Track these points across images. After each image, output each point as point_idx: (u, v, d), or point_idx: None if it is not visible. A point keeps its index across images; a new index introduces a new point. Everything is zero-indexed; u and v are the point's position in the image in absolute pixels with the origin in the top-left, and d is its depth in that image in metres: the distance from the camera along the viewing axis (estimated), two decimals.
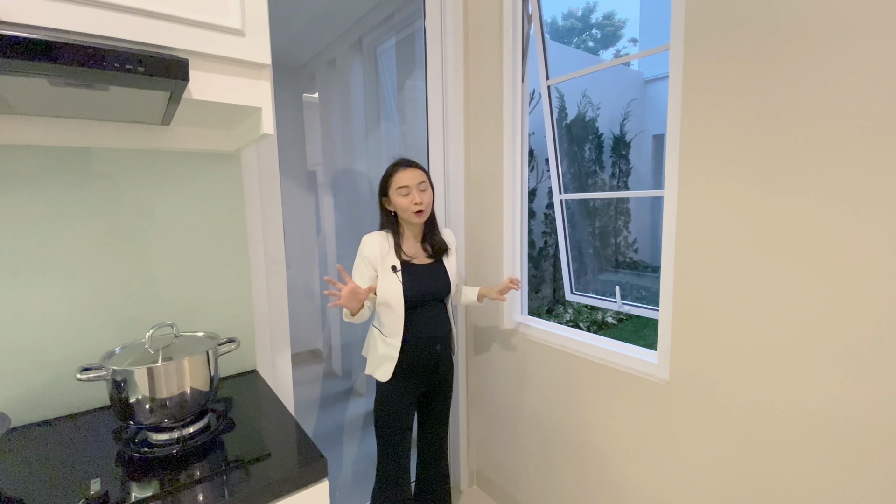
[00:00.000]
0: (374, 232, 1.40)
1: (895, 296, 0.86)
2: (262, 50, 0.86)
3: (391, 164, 1.40)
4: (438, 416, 1.54)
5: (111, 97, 0.79)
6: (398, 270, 1.34)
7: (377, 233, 1.39)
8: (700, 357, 1.17)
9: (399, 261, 1.35)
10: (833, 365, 0.94)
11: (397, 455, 1.42)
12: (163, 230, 1.12)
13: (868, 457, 0.92)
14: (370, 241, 1.36)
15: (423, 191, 1.35)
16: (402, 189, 1.33)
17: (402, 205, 1.34)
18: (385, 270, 1.34)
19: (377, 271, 1.34)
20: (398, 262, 1.35)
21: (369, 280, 1.34)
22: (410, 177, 1.34)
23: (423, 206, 1.34)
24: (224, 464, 0.81)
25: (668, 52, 1.17)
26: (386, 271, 1.34)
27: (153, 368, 0.84)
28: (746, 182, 1.04)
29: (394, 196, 1.36)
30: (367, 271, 1.34)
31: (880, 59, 0.84)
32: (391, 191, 1.36)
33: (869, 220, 0.88)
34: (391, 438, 1.41)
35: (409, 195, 1.34)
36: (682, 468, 1.24)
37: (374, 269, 1.34)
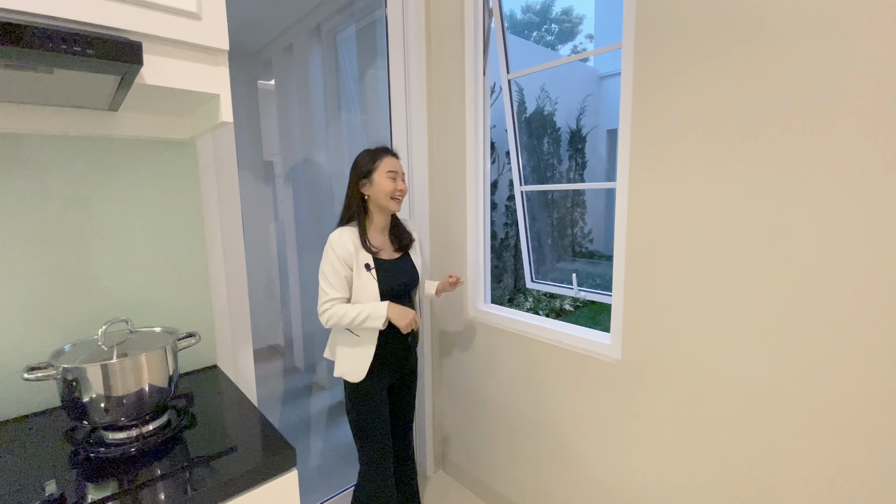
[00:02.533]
0: (341, 228, 1.34)
1: (818, 286, 0.96)
2: (219, 34, 0.84)
3: (375, 149, 1.37)
4: (407, 406, 1.55)
5: (54, 80, 0.74)
6: (371, 268, 1.32)
7: (344, 229, 1.33)
8: (649, 337, 1.25)
9: (371, 256, 1.32)
10: (763, 345, 1.05)
11: (382, 455, 1.39)
12: (112, 221, 1.06)
13: (791, 423, 1.03)
14: (341, 239, 1.30)
15: (403, 179, 1.36)
16: (391, 173, 1.32)
17: (387, 189, 1.31)
18: (359, 269, 1.31)
19: (352, 270, 1.31)
20: (370, 260, 1.32)
21: (347, 281, 1.31)
22: (398, 164, 1.35)
23: (402, 195, 1.34)
24: (187, 460, 0.80)
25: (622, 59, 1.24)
26: (360, 270, 1.31)
27: (108, 366, 0.81)
28: (692, 175, 1.12)
29: (379, 178, 1.31)
30: (343, 271, 1.30)
31: (821, 60, 0.93)
32: (377, 173, 1.32)
33: (801, 213, 0.97)
34: (374, 439, 1.38)
35: (395, 180, 1.33)
36: (634, 442, 1.33)
37: (349, 268, 1.31)
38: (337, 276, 1.29)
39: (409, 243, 1.44)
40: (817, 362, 0.98)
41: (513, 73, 1.71)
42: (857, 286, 0.91)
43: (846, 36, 0.88)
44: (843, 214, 0.91)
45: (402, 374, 1.48)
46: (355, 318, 1.27)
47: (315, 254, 2.83)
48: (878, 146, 0.86)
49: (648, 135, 1.19)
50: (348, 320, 1.27)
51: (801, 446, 1.02)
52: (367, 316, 1.27)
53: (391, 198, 1.32)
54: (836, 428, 0.97)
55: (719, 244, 1.09)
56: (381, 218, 1.39)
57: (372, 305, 1.28)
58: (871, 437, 0.93)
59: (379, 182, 1.32)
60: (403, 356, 1.42)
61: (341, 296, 1.31)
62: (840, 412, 0.96)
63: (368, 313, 1.27)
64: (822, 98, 0.91)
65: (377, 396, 1.38)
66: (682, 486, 1.24)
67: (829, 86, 0.91)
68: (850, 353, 0.93)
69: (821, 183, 0.93)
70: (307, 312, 3.02)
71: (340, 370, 1.38)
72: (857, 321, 0.92)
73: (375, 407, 1.37)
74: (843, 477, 0.97)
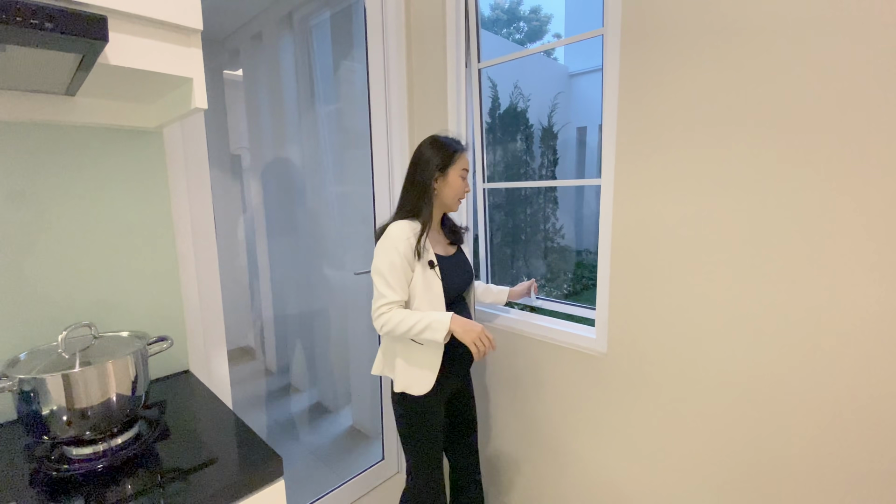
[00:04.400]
0: (401, 222, 1.18)
1: (798, 281, 0.99)
2: (191, 12, 0.77)
3: (447, 141, 1.24)
4: (473, 413, 1.44)
5: (3, 59, 0.66)
6: (436, 265, 1.19)
7: (405, 223, 1.17)
8: (634, 331, 1.26)
9: (433, 253, 1.20)
10: (745, 338, 1.07)
11: (437, 472, 1.30)
12: (70, 217, 0.97)
13: (769, 411, 1.06)
14: (404, 234, 1.15)
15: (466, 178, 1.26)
16: (464, 171, 1.23)
17: (458, 188, 1.22)
18: (423, 268, 1.17)
19: (413, 269, 1.17)
20: (433, 257, 1.19)
21: (407, 282, 1.16)
22: (467, 160, 1.24)
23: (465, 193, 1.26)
24: (162, 475, 0.74)
25: (591, 48, 1.23)
26: (424, 268, 1.17)
27: (69, 375, 0.73)
28: (678, 171, 1.13)
29: (454, 176, 1.21)
30: (405, 270, 1.14)
31: (807, 58, 0.95)
32: (452, 169, 1.20)
33: (784, 210, 1.00)
34: (430, 456, 1.27)
35: (465, 179, 1.24)
36: (620, 434, 1.35)
37: (411, 267, 1.16)
38: (397, 276, 1.14)
39: (461, 236, 1.34)
40: (797, 355, 1.01)
41: (483, 63, 1.66)
42: (835, 281, 0.94)
43: (844, 34, 0.90)
44: (825, 212, 0.94)
45: (464, 383, 1.39)
46: (413, 325, 1.11)
47: (287, 252, 2.73)
48: (858, 145, 0.89)
49: (635, 131, 1.19)
50: (405, 328, 1.12)
51: (783, 437, 1.05)
52: (427, 325, 1.11)
53: (458, 199, 1.25)
54: (816, 418, 1.00)
55: (704, 240, 1.11)
56: (439, 214, 1.29)
57: (434, 314, 1.12)
58: (849, 426, 0.96)
59: (453, 180, 1.21)
60: (467, 362, 1.30)
61: (400, 298, 1.15)
62: (820, 403, 0.99)
63: (428, 323, 1.11)
64: (808, 97, 0.94)
65: (438, 409, 1.26)
66: (668, 477, 1.26)
67: (813, 86, 0.93)
68: (828, 345, 0.97)
69: (804, 181, 0.96)
70: (279, 313, 2.92)
71: (403, 384, 1.22)
72: (836, 315, 0.95)
73: (437, 421, 1.26)
74: (825, 465, 1.01)
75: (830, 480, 1.00)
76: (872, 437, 0.94)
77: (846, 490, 0.98)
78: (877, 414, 0.93)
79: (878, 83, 0.86)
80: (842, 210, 0.92)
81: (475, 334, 1.11)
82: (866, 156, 0.88)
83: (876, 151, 0.87)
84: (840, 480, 0.99)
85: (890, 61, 0.84)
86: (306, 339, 2.75)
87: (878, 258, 0.89)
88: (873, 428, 0.93)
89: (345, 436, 2.30)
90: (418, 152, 1.24)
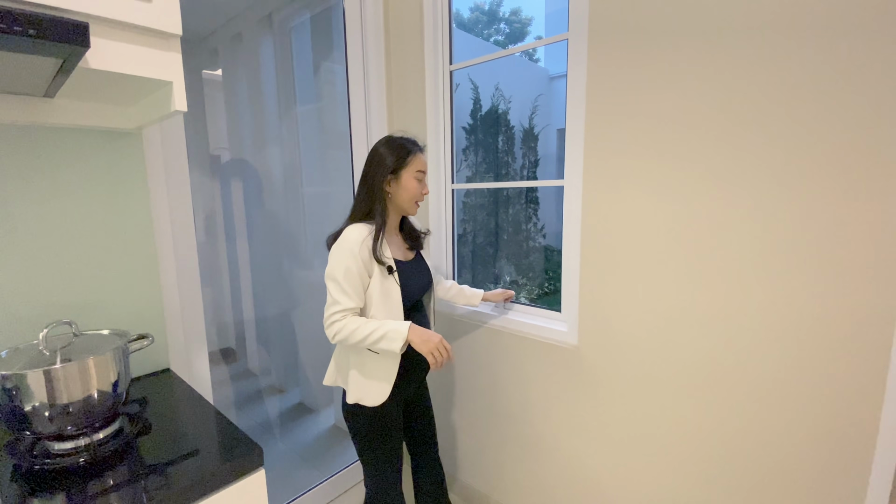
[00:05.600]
0: (357, 225, 1.13)
1: (749, 274, 1.06)
2: (170, 18, 0.80)
3: (403, 140, 1.18)
4: (429, 435, 1.40)
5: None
6: (394, 271, 1.14)
7: (363, 226, 1.12)
8: (602, 323, 1.33)
9: (392, 259, 1.15)
10: (703, 326, 1.14)
11: (394, 480, 1.26)
12: (47, 216, 0.98)
13: (733, 397, 1.13)
14: (360, 237, 1.10)
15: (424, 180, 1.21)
16: (419, 173, 1.17)
17: (412, 191, 1.16)
18: (382, 274, 1.12)
19: (370, 275, 1.12)
20: (392, 262, 1.15)
21: (363, 288, 1.11)
22: (424, 161, 1.19)
23: (423, 196, 1.21)
24: (145, 466, 0.76)
25: (568, 53, 1.29)
26: (382, 275, 1.12)
27: (51, 371, 0.75)
28: (643, 172, 1.20)
29: (406, 178, 1.15)
30: (362, 276, 1.09)
31: (768, 63, 1.02)
32: (405, 171, 1.15)
33: (739, 208, 1.07)
34: (387, 465, 1.23)
35: (422, 181, 1.18)
36: (593, 422, 1.41)
37: (368, 273, 1.11)
38: (353, 282, 1.08)
39: (421, 241, 1.29)
40: (756, 343, 1.08)
41: (455, 65, 1.69)
42: (782, 276, 1.02)
43: (802, 38, 0.97)
44: (774, 210, 1.02)
45: (422, 387, 1.38)
46: (369, 335, 1.06)
47: (268, 253, 2.73)
48: (813, 150, 0.97)
49: (602, 133, 1.25)
50: (360, 337, 1.06)
51: (739, 415, 1.12)
52: (384, 335, 1.06)
53: (415, 202, 1.19)
54: (767, 397, 1.08)
55: (666, 237, 1.17)
56: (395, 218, 1.23)
57: (391, 323, 1.07)
58: (794, 401, 1.04)
59: (406, 182, 1.16)
60: (422, 369, 1.25)
61: (356, 305, 1.09)
62: (781, 389, 1.07)
63: (385, 332, 1.06)
64: (766, 100, 1.01)
65: (396, 415, 1.22)
66: (640, 463, 1.33)
67: (772, 88, 1.00)
68: (774, 331, 1.04)
69: (764, 180, 1.03)
70: (260, 314, 2.92)
71: (356, 395, 1.17)
72: (783, 305, 1.02)
73: (394, 427, 1.22)
74: (778, 438, 1.08)
75: (793, 462, 1.07)
76: (824, 416, 1.02)
77: (812, 469, 1.06)
78: (825, 394, 1.00)
79: (836, 87, 0.93)
80: (796, 213, 0.99)
81: (433, 345, 1.07)
82: (813, 155, 0.96)
83: (812, 153, 0.95)
84: (803, 462, 1.06)
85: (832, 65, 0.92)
86: (288, 340, 2.76)
87: (830, 255, 0.97)
88: (824, 404, 1.01)
89: (327, 434, 2.32)
90: (372, 152, 1.19)
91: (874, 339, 0.92)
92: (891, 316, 0.90)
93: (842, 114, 0.91)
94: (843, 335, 0.96)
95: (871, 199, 0.90)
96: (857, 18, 0.88)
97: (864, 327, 0.93)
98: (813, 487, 1.04)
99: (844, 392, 0.97)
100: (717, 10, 1.03)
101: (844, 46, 0.89)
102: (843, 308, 0.95)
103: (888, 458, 0.93)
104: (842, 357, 0.97)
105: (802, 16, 0.93)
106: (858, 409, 0.96)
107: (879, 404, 0.93)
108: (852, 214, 0.92)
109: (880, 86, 0.87)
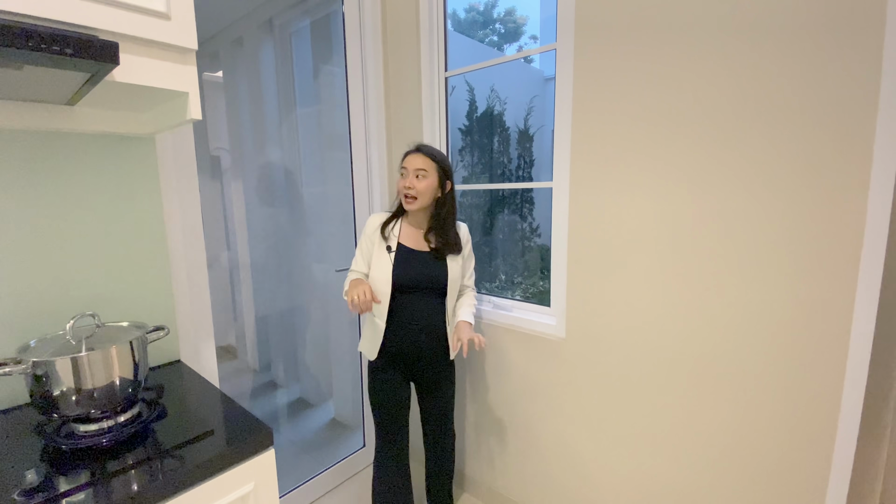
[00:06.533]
0: (379, 213, 1.44)
1: (723, 269, 1.14)
2: (188, 34, 0.86)
3: (410, 145, 1.42)
4: (432, 413, 1.52)
5: (17, 77, 0.74)
6: (392, 251, 1.35)
7: (381, 213, 1.42)
8: (589, 316, 1.40)
9: (395, 240, 1.37)
10: (681, 319, 1.22)
11: (390, 434, 1.45)
12: (69, 217, 1.04)
13: (716, 386, 1.21)
14: (372, 218, 1.41)
15: (418, 177, 1.31)
16: (402, 170, 1.36)
17: (397, 186, 1.37)
18: (381, 249, 1.36)
19: (374, 248, 1.38)
20: (395, 244, 1.36)
21: (368, 257, 1.39)
22: (411, 160, 1.34)
23: (414, 192, 1.31)
24: (164, 445, 0.83)
25: (556, 60, 1.37)
26: (381, 250, 1.36)
27: (78, 358, 0.82)
28: (627, 172, 1.27)
29: (399, 176, 1.38)
30: (366, 247, 1.39)
31: (750, 65, 1.10)
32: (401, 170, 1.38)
33: (714, 208, 1.15)
34: (382, 417, 1.45)
35: (404, 177, 1.34)
36: (581, 413, 1.49)
37: (372, 244, 1.38)
38: (362, 253, 1.39)
39: (442, 248, 1.38)
40: (737, 336, 1.16)
41: (449, 72, 1.76)
42: (762, 273, 1.10)
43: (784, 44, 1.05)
44: (756, 210, 1.09)
45: (424, 376, 1.48)
46: (344, 286, 1.39)
47: (268, 251, 2.79)
48: (807, 156, 1.05)
49: (588, 136, 1.33)
50: (344, 289, 1.38)
51: (721, 406, 1.20)
52: (347, 286, 1.36)
53: (403, 195, 1.36)
54: (739, 383, 1.16)
55: (650, 235, 1.25)
56: (415, 216, 1.40)
57: (354, 279, 1.34)
58: (764, 386, 1.12)
59: (398, 179, 1.38)
60: (414, 352, 1.39)
61: (358, 270, 1.40)
62: (740, 370, 1.15)
63: (349, 284, 1.36)
64: (737, 103, 1.09)
65: (388, 381, 1.43)
66: (626, 452, 1.40)
67: (756, 91, 1.08)
68: (753, 326, 1.12)
69: (743, 181, 1.11)
70: (260, 311, 2.98)
71: (361, 345, 1.48)
72: (762, 301, 1.10)
73: (382, 388, 1.43)
74: (748, 420, 1.16)
75: (778, 447, 1.15)
76: (809, 404, 1.10)
77: (797, 455, 1.14)
78: (802, 384, 1.08)
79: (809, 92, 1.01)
80: (771, 213, 1.07)
81: (354, 291, 1.24)
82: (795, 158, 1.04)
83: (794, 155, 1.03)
84: (788, 447, 1.14)
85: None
86: (288, 337, 2.82)
87: (810, 254, 1.05)
88: (807, 395, 1.09)
89: (327, 428, 2.39)
90: None
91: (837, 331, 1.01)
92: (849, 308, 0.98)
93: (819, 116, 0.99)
94: (816, 328, 1.04)
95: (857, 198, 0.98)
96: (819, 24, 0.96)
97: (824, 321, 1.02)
98: (786, 473, 1.12)
99: (814, 384, 1.05)
100: (701, 14, 1.10)
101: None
102: (819, 303, 1.03)
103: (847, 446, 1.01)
104: (813, 348, 1.05)
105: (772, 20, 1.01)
106: (827, 401, 1.04)
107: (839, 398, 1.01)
108: (837, 213, 1.00)
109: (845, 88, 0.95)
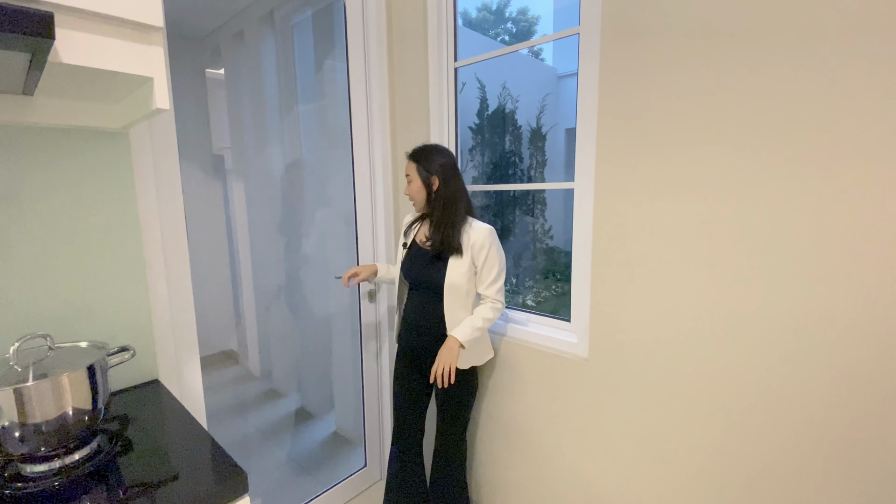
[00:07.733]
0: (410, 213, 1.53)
1: (766, 285, 0.98)
2: (150, 8, 0.73)
3: None
4: (442, 423, 1.49)
5: None
6: (405, 248, 1.46)
7: (411, 213, 1.52)
8: (616, 336, 1.25)
9: (412, 238, 1.45)
10: (718, 340, 1.07)
11: (399, 423, 1.50)
12: (25, 221, 0.93)
13: (750, 414, 1.05)
14: (406, 221, 1.53)
15: (409, 182, 1.39)
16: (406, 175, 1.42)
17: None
18: (400, 245, 1.48)
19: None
20: (409, 241, 1.46)
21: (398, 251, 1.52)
22: (406, 167, 1.40)
23: (410, 196, 1.40)
24: (120, 491, 0.71)
25: (579, 49, 1.22)
26: (400, 246, 1.49)
27: (22, 389, 0.70)
28: (659, 175, 1.12)
29: None
30: (398, 247, 1.51)
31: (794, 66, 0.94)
32: None
33: (760, 216, 0.99)
34: (395, 406, 1.52)
35: (408, 181, 1.40)
36: (602, 439, 1.34)
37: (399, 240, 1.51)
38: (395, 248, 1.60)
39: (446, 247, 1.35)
40: (777, 357, 1.00)
41: (459, 62, 1.63)
42: (799, 288, 0.94)
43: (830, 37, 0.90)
44: (797, 219, 0.94)
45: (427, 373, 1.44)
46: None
47: (271, 253, 2.68)
48: (841, 159, 0.89)
49: (616, 133, 1.18)
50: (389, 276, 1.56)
51: (762, 439, 1.05)
52: None
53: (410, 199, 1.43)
54: (797, 421, 1.00)
55: (685, 244, 1.10)
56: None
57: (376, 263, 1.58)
58: (807, 417, 0.96)
59: None
60: (420, 351, 1.43)
61: (394, 264, 1.55)
62: (800, 405, 0.99)
63: None
64: (794, 100, 0.93)
65: (402, 368, 1.51)
66: (647, 480, 1.25)
67: (801, 88, 0.93)
68: (809, 348, 0.96)
69: (789, 185, 0.95)
70: (262, 315, 2.87)
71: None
72: (799, 319, 0.95)
73: (399, 377, 1.51)
74: (788, 453, 1.00)
75: (807, 480, 1.00)
76: (848, 433, 0.94)
77: (821, 489, 0.98)
78: (851, 411, 0.93)
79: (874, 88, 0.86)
80: (821, 223, 0.92)
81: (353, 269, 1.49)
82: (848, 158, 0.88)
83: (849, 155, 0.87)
84: (815, 479, 0.99)
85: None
86: (290, 343, 2.70)
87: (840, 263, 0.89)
88: (849, 424, 0.93)
89: (328, 442, 2.26)
90: None
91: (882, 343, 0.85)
92: None
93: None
94: (857, 345, 0.88)
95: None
96: None
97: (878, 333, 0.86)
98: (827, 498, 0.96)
99: (855, 400, 0.90)
100: (744, 8, 0.95)
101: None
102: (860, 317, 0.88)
103: None
104: (852, 366, 0.89)
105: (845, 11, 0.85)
106: (879, 417, 0.88)
107: None
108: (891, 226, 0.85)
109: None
